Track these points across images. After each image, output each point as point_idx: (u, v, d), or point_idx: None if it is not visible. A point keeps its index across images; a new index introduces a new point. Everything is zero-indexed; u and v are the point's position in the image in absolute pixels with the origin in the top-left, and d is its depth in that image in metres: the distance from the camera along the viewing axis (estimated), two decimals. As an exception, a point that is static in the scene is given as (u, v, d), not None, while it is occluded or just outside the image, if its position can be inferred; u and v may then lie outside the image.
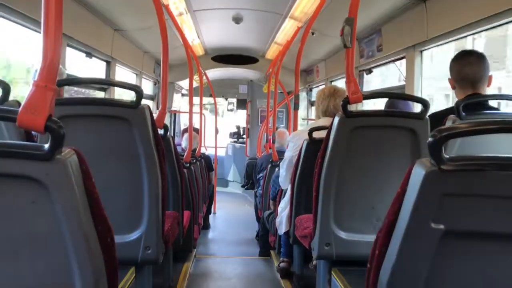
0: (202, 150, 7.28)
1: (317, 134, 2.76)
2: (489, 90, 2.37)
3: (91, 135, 2.00)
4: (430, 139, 0.99)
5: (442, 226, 1.02)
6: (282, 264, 3.81)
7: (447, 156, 1.00)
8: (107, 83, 4.39)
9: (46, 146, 1.02)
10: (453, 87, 2.38)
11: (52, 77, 1.10)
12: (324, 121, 2.92)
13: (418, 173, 1.02)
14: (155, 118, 2.26)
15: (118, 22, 4.62)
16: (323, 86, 6.61)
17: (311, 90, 7.84)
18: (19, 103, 2.02)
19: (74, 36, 3.70)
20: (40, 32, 1.13)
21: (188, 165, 4.02)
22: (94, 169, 1.17)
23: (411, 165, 1.07)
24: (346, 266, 2.33)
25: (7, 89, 1.96)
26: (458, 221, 1.03)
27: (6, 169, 1.03)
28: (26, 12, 2.88)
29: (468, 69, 2.30)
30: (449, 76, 2.39)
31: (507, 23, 2.60)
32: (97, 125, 2.00)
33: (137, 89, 1.97)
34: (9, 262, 1.08)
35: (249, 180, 7.02)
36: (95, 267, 1.12)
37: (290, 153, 3.14)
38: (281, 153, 4.90)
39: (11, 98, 1.98)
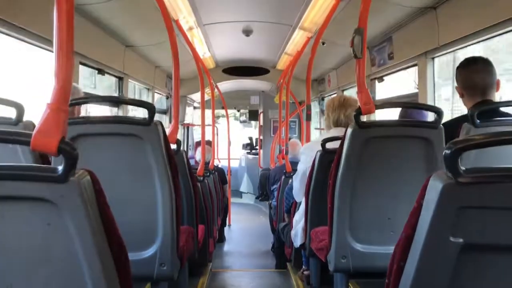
0: (216, 162, 7.29)
1: (330, 145, 2.74)
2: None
3: (104, 153, 2.01)
4: (446, 151, 0.98)
5: (461, 240, 1.00)
6: (306, 272, 3.79)
7: (464, 168, 0.98)
8: (119, 101, 4.43)
9: (60, 168, 1.02)
10: (461, 95, 2.36)
11: (64, 98, 1.11)
12: (335, 131, 2.90)
13: (434, 186, 1.01)
14: (167, 132, 2.27)
15: (129, 39, 4.67)
16: (335, 95, 6.62)
17: (323, 99, 7.83)
18: (34, 124, 2.05)
19: (86, 54, 3.75)
20: (52, 51, 1.14)
21: (202, 178, 4.02)
22: (107, 187, 1.17)
23: (427, 178, 1.05)
24: (363, 278, 2.30)
25: (21, 110, 1.98)
26: (476, 234, 1.01)
27: (21, 192, 1.03)
28: (40, 33, 2.93)
29: (476, 76, 2.28)
30: (456, 85, 2.37)
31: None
32: (110, 143, 2.01)
33: (149, 107, 1.97)
34: (25, 281, 1.08)
35: (263, 191, 7.00)
36: (110, 286, 1.12)
37: (303, 166, 3.12)
38: (294, 163, 4.89)
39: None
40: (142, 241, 2.03)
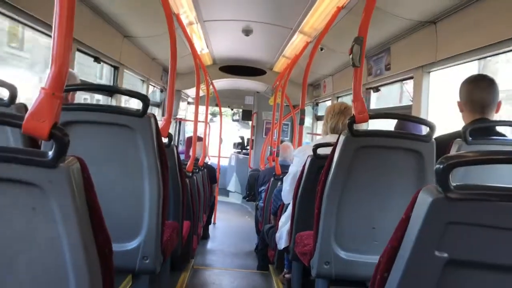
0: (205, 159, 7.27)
1: (322, 151, 2.75)
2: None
3: (95, 141, 2.00)
4: (438, 165, 0.98)
5: (446, 255, 1.01)
6: (287, 275, 3.80)
7: (454, 184, 0.99)
8: (114, 91, 4.40)
9: (50, 153, 1.02)
10: (462, 110, 2.37)
11: (60, 84, 1.10)
12: (331, 138, 2.91)
13: (424, 200, 1.01)
14: (160, 125, 2.26)
15: (128, 29, 4.65)
16: (329, 102, 6.63)
17: (317, 104, 7.84)
18: (26, 107, 2.03)
19: (84, 41, 3.72)
20: (51, 36, 1.13)
21: (190, 174, 4.01)
22: (95, 176, 1.16)
23: (417, 191, 1.06)
24: (344, 286, 2.31)
25: (14, 92, 1.97)
26: (462, 250, 1.01)
27: (9, 174, 1.02)
28: (40, 16, 2.90)
29: (479, 93, 2.29)
30: (458, 99, 2.38)
31: (517, 49, 2.60)
32: (101, 132, 2.00)
33: (143, 98, 1.96)
34: (5, 267, 1.07)
35: (251, 192, 7.00)
36: (92, 276, 1.11)
37: (295, 168, 3.13)
38: (284, 167, 4.89)
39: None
40: (126, 233, 2.02)
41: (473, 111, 2.30)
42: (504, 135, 2.27)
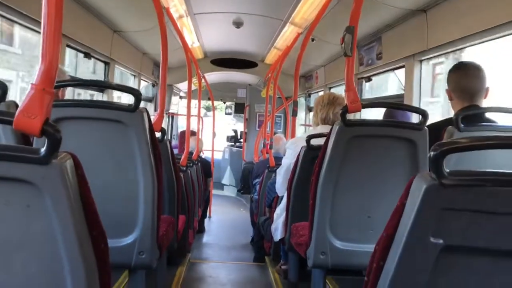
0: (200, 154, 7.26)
1: (315, 141, 2.75)
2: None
3: (87, 137, 1.99)
4: (431, 152, 0.98)
5: (441, 241, 1.01)
6: (283, 266, 3.81)
7: (448, 170, 0.99)
8: (106, 86, 4.37)
9: (42, 150, 1.01)
10: (451, 98, 2.38)
11: (50, 80, 1.09)
12: (322, 129, 2.91)
13: (418, 187, 1.01)
14: (152, 120, 2.25)
15: (118, 24, 4.61)
16: (322, 93, 6.64)
17: (309, 96, 7.84)
18: (16, 104, 2.01)
19: (73, 37, 3.69)
20: (40, 32, 1.12)
21: (184, 168, 4.00)
22: (89, 172, 1.16)
23: (411, 178, 1.06)
24: (340, 275, 2.32)
25: (4, 89, 1.94)
26: (457, 236, 1.02)
27: (1, 172, 1.01)
28: (29, 13, 2.87)
29: (467, 80, 2.30)
30: (446, 87, 2.39)
31: (508, 35, 2.60)
32: (94, 127, 1.99)
33: (135, 93, 1.95)
34: (1, 264, 1.06)
35: (245, 185, 7.01)
36: (88, 272, 1.11)
37: (288, 160, 3.13)
38: (277, 159, 4.90)
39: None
40: (121, 229, 2.01)
41: (462, 99, 2.31)
42: (493, 121, 2.28)
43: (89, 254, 1.13)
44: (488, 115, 2.30)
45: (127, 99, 5.76)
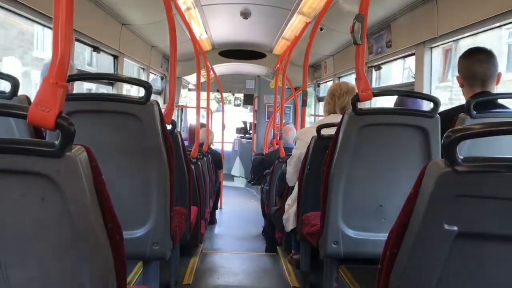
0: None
1: (325, 131, 2.75)
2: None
3: (100, 130, 2.00)
4: (444, 139, 0.98)
5: (455, 228, 1.01)
6: (295, 256, 3.82)
7: (461, 157, 0.98)
8: (116, 79, 4.38)
9: (57, 143, 1.02)
10: (462, 85, 2.36)
11: (62, 73, 1.10)
12: (333, 118, 2.90)
13: (431, 174, 1.01)
14: (163, 113, 2.26)
15: (126, 17, 4.62)
16: (331, 82, 6.60)
17: (318, 85, 7.81)
18: (28, 99, 2.03)
19: (82, 31, 3.70)
20: (51, 28, 1.13)
21: (195, 160, 4.02)
22: (103, 165, 1.16)
23: (424, 165, 1.05)
24: (353, 264, 2.32)
25: (16, 84, 1.96)
26: (471, 223, 1.02)
27: (16, 166, 1.02)
28: (39, 9, 2.89)
29: (478, 66, 2.27)
30: (457, 74, 2.37)
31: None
32: (106, 121, 2.00)
33: (146, 85, 1.96)
34: (18, 259, 1.08)
35: (256, 176, 7.02)
36: (104, 264, 1.12)
37: (299, 151, 3.12)
38: (287, 149, 4.90)
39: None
40: (135, 220, 2.03)
41: (474, 85, 2.28)
42: (507, 107, 2.26)
43: (105, 246, 1.14)
44: (501, 101, 2.27)
45: (135, 93, 5.78)
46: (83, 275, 1.08)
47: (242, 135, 11.50)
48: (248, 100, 11.25)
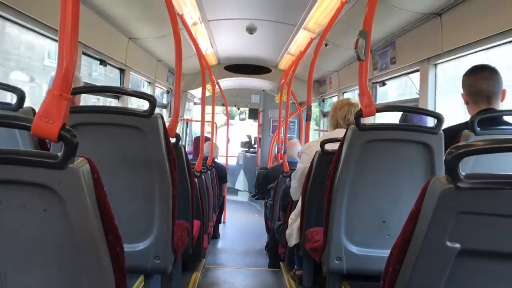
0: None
1: (329, 146, 2.74)
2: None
3: (103, 143, 2.00)
4: (447, 156, 0.97)
5: (458, 245, 1.00)
6: (298, 272, 3.80)
7: (464, 174, 0.98)
8: (121, 92, 4.41)
9: (60, 154, 1.02)
10: (467, 102, 2.35)
11: (67, 86, 1.11)
12: (339, 132, 2.90)
13: (434, 190, 1.01)
14: (167, 126, 2.27)
15: (133, 31, 4.66)
16: (336, 98, 6.62)
17: (323, 101, 7.83)
18: (34, 110, 2.04)
19: (89, 44, 3.74)
20: (57, 40, 1.14)
21: (199, 174, 4.02)
22: (105, 177, 1.17)
23: (427, 181, 1.05)
24: (356, 280, 2.30)
25: (22, 96, 1.98)
26: (474, 240, 1.01)
27: (19, 177, 1.03)
28: (45, 21, 2.92)
29: (482, 83, 2.26)
30: (462, 91, 2.36)
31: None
32: (110, 133, 2.01)
33: (150, 99, 1.97)
34: (19, 269, 1.08)
35: (260, 190, 7.01)
36: (104, 276, 1.12)
37: (303, 165, 3.12)
38: (292, 164, 4.89)
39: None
40: (137, 233, 2.03)
41: (479, 102, 2.27)
42: (511, 124, 2.25)
43: (105, 258, 1.14)
44: (506, 118, 2.26)
45: (146, 106, 5.79)
46: (83, 286, 1.07)
47: (247, 149, 11.51)
48: (253, 114, 11.27)
